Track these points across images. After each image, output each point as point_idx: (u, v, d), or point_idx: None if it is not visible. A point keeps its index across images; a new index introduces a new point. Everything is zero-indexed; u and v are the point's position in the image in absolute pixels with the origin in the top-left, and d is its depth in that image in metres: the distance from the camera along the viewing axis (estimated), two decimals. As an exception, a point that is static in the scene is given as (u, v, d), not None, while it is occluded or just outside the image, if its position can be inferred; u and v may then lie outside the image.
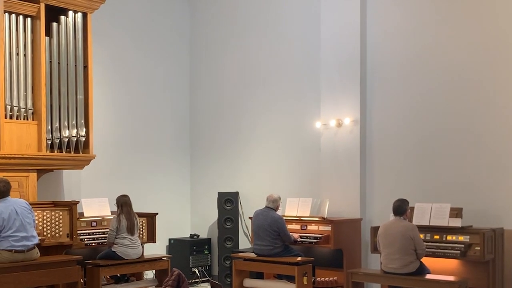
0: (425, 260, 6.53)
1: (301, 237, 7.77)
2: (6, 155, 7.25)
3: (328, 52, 8.29)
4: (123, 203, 7.37)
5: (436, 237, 6.84)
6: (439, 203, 6.97)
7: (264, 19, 9.28)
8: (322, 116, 8.34)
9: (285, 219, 7.79)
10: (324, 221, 7.74)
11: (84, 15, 8.04)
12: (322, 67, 8.38)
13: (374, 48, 8.01)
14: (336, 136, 8.18)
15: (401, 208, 6.53)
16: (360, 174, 8.00)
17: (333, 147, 8.23)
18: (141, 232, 7.86)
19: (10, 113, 7.42)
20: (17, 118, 7.49)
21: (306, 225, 7.90)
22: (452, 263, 6.85)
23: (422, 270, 6.42)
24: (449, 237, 6.76)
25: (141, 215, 7.87)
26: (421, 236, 6.58)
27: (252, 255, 7.71)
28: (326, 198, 7.98)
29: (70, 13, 7.90)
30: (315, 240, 7.67)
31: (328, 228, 7.66)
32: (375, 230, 7.11)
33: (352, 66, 8.06)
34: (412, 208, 7.01)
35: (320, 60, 8.42)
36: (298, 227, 7.96)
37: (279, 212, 7.78)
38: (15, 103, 7.46)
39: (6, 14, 7.36)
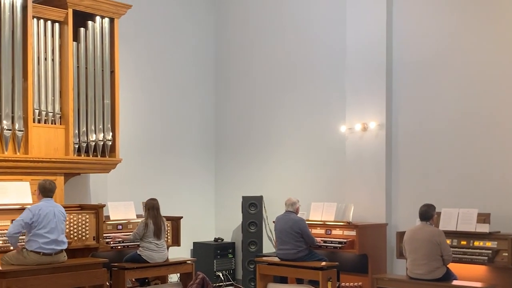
0: (452, 266, 6.39)
1: (325, 241, 7.67)
2: (35, 159, 7.28)
3: (354, 55, 8.21)
4: (150, 207, 7.32)
5: (463, 242, 6.70)
6: (466, 208, 6.82)
7: (290, 23, 9.21)
8: (347, 120, 8.26)
9: (309, 224, 7.73)
10: (349, 225, 7.64)
11: (111, 21, 8.06)
12: (348, 71, 8.30)
13: (400, 52, 7.91)
14: (362, 140, 8.08)
15: (428, 213, 6.40)
16: (385, 178, 7.88)
17: (359, 151, 8.13)
18: (166, 236, 7.81)
19: (38, 117, 7.46)
20: (45, 122, 7.52)
21: (330, 230, 7.81)
22: (479, 269, 6.69)
23: (448, 276, 6.28)
24: (476, 243, 6.62)
25: (166, 218, 7.79)
26: (448, 241, 6.44)
27: (276, 259, 7.62)
28: (351, 202, 7.88)
29: (98, 18, 7.93)
30: (339, 245, 7.58)
31: (353, 233, 7.56)
32: (400, 235, 6.99)
33: (377, 70, 7.97)
34: (439, 214, 6.88)
35: (345, 63, 8.34)
36: (322, 231, 7.87)
37: (302, 216, 7.70)
38: (43, 107, 7.49)
39: (35, 19, 7.40)
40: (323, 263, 7.28)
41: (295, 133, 9.11)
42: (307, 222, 7.65)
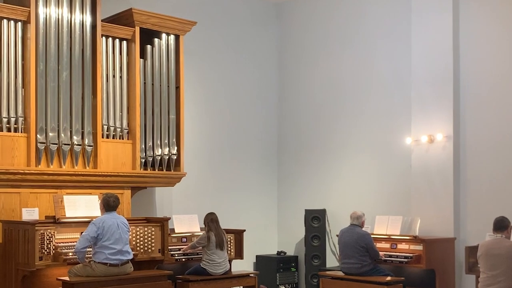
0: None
1: (390, 256, 7.37)
2: (103, 173, 7.27)
3: (420, 66, 7.90)
4: (209, 220, 7.25)
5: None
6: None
7: (354, 34, 8.96)
8: (413, 132, 7.93)
9: (374, 238, 7.45)
10: (415, 240, 7.31)
11: (177, 37, 8.01)
12: (413, 82, 7.98)
13: (468, 61, 7.57)
14: (428, 152, 7.73)
15: (503, 223, 5.95)
16: (453, 191, 7.52)
17: (425, 164, 7.78)
18: (228, 249, 7.69)
19: (107, 132, 7.46)
20: (113, 138, 7.51)
21: (396, 244, 7.49)
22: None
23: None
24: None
25: (228, 231, 7.70)
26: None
27: (340, 273, 7.36)
28: (417, 216, 7.54)
29: (164, 35, 7.90)
30: (405, 260, 7.26)
31: (419, 247, 7.24)
32: (470, 250, 6.63)
33: (444, 80, 7.64)
34: (512, 228, 6.43)
35: (411, 74, 8.04)
36: (387, 245, 7.57)
37: (367, 230, 7.43)
38: (111, 123, 7.49)
39: (104, 38, 7.43)
40: (389, 278, 7.00)
41: (358, 146, 8.82)
42: (371, 235, 7.36)
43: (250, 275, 7.56)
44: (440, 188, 7.63)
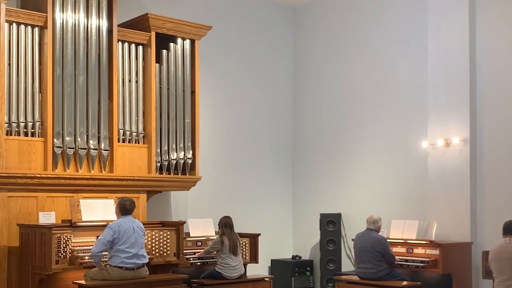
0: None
1: (406, 260, 7.28)
2: (119, 177, 7.26)
3: (436, 70, 7.82)
4: (224, 224, 7.21)
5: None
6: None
7: (370, 39, 8.88)
8: (429, 136, 7.84)
9: (390, 242, 7.37)
10: (431, 244, 7.22)
11: (192, 42, 7.99)
12: (429, 85, 7.89)
13: (484, 65, 7.47)
14: (444, 156, 7.64)
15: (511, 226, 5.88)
16: (470, 195, 7.42)
17: (441, 168, 7.69)
18: (243, 253, 7.65)
19: (123, 137, 7.45)
20: (129, 142, 7.50)
21: (412, 248, 7.41)
22: None
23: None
24: None
25: (243, 235, 7.66)
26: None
27: (356, 278, 7.29)
28: (434, 220, 7.45)
29: (179, 40, 7.88)
30: (422, 264, 7.18)
31: (436, 251, 7.14)
32: (486, 254, 6.50)
33: (460, 83, 7.56)
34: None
35: (427, 78, 7.94)
36: (403, 250, 7.49)
37: (382, 234, 7.35)
38: (127, 127, 7.48)
39: (120, 43, 7.43)
40: (405, 283, 6.93)
41: (374, 149, 8.73)
42: (387, 240, 7.28)
43: (265, 279, 7.51)
44: (457, 192, 7.53)
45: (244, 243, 7.68)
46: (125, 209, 6.34)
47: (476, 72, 7.55)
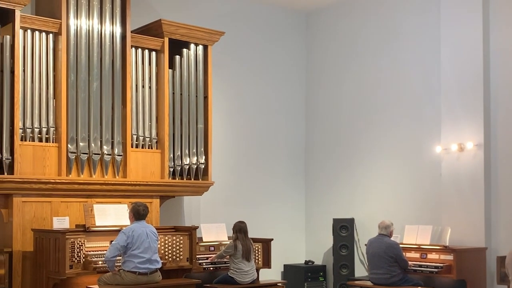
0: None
1: (420, 266, 7.21)
2: (132, 182, 7.26)
3: (449, 74, 7.74)
4: (238, 229, 7.19)
5: None
6: None
7: (383, 43, 8.82)
8: (442, 140, 7.75)
9: (403, 247, 7.31)
10: (445, 249, 7.13)
11: (205, 48, 7.99)
12: (443, 90, 7.81)
13: (498, 69, 7.38)
14: (458, 160, 7.55)
15: None
16: (484, 200, 7.32)
17: (455, 173, 7.60)
18: (256, 258, 7.62)
19: (136, 142, 7.46)
20: (142, 147, 7.51)
21: (426, 254, 7.33)
22: None
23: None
24: None
25: (256, 240, 7.63)
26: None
27: (369, 283, 7.23)
28: (448, 225, 7.37)
29: (192, 46, 7.88)
30: (435, 270, 7.10)
31: (450, 257, 7.06)
32: (501, 259, 6.44)
33: (474, 88, 7.47)
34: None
35: (440, 82, 7.87)
36: (417, 255, 7.41)
37: (395, 239, 7.28)
38: (140, 132, 7.49)
39: (133, 49, 7.45)
40: (418, 288, 6.83)
41: (388, 154, 8.66)
42: (400, 245, 7.22)
43: (278, 284, 7.47)
44: (471, 197, 7.44)
45: (256, 248, 7.65)
46: (138, 214, 6.34)
47: (490, 76, 7.47)
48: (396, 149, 8.55)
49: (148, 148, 7.56)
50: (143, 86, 7.57)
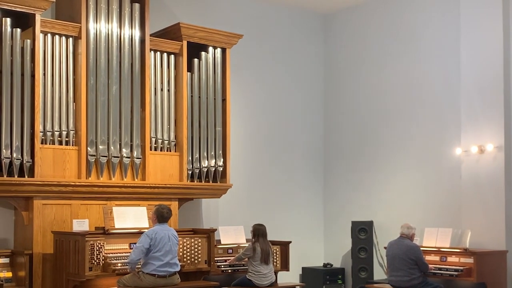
0: None
1: (440, 269, 7.14)
2: (151, 185, 7.26)
3: (469, 76, 7.64)
4: (257, 232, 7.13)
5: None
6: None
7: (402, 45, 8.73)
8: (462, 143, 7.65)
9: (423, 250, 7.20)
10: (465, 252, 7.04)
11: (223, 51, 7.97)
12: (462, 92, 7.72)
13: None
14: (479, 163, 7.45)
15: None
16: (505, 203, 7.21)
17: (475, 175, 7.49)
18: (274, 260, 7.57)
19: (155, 145, 7.46)
20: (161, 150, 7.50)
21: (445, 257, 7.24)
22: None
23: None
24: None
25: (274, 243, 7.58)
26: None
27: (388, 286, 7.13)
28: (468, 228, 7.26)
29: (210, 49, 7.87)
30: (456, 273, 7.02)
31: (470, 260, 6.97)
32: (523, 263, 6.31)
33: (494, 89, 7.37)
34: None
35: (460, 84, 7.77)
36: (437, 258, 7.32)
37: (416, 242, 7.18)
38: (159, 135, 7.49)
39: (152, 52, 7.46)
40: (439, 292, 6.73)
41: (406, 156, 8.56)
42: (420, 248, 7.11)
43: (296, 287, 7.46)
44: (491, 199, 7.33)
45: (275, 251, 7.60)
46: (162, 217, 6.33)
47: (510, 78, 7.36)
48: (415, 151, 8.45)
49: (167, 151, 7.55)
50: (161, 89, 7.57)
